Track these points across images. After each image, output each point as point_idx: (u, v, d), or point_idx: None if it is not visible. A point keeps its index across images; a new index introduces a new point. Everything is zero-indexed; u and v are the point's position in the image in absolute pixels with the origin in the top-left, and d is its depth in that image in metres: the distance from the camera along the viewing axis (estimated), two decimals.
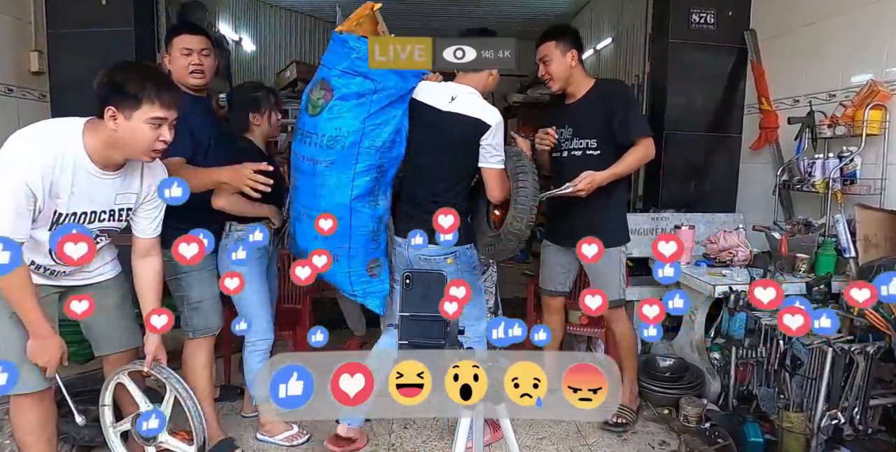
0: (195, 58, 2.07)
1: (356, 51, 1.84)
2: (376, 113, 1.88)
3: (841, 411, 1.99)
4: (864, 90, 2.64)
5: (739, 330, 2.36)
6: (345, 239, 1.96)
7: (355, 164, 1.88)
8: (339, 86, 1.86)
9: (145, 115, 1.53)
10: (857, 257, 2.45)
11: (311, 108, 1.92)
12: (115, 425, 1.92)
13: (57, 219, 1.58)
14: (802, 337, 2.07)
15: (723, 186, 3.74)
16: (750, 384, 2.33)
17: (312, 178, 1.94)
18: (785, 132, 3.21)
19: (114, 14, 3.44)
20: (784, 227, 2.76)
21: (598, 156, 2.30)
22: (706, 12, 3.64)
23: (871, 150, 2.64)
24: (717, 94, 3.71)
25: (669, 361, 2.79)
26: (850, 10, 2.85)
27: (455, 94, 1.99)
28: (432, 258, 1.99)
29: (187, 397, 1.76)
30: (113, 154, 1.60)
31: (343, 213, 1.88)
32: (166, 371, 1.79)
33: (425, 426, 2.46)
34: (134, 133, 1.54)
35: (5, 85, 3.16)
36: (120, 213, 1.71)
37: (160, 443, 1.84)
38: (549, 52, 2.29)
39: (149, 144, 1.57)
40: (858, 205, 2.52)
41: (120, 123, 1.53)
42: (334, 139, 1.86)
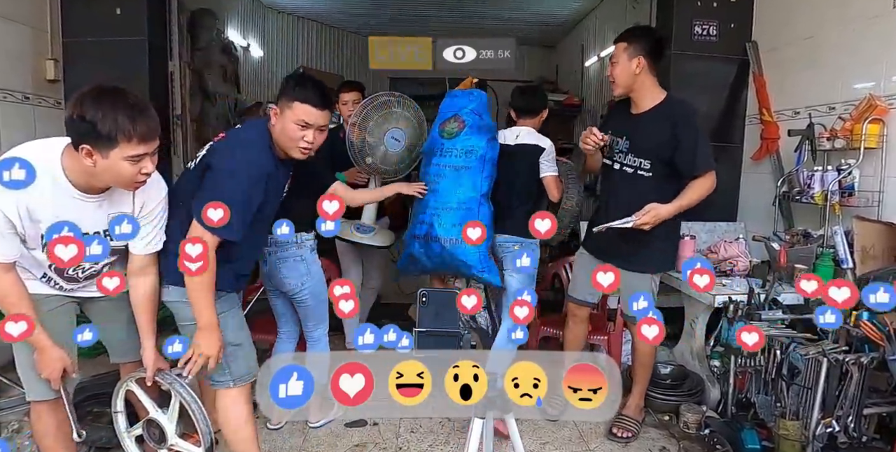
0: (310, 135, 1.84)
1: (476, 100, 2.72)
2: (490, 137, 2.65)
3: (836, 419, 2.04)
4: (863, 104, 2.69)
5: None
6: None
7: (482, 170, 2.60)
8: (469, 120, 2.66)
9: (123, 154, 1.46)
10: (854, 268, 2.50)
11: (446, 134, 2.66)
12: (129, 430, 1.97)
13: (47, 244, 1.53)
14: (799, 347, 2.13)
15: (724, 195, 3.77)
16: (749, 392, 2.38)
17: (455, 179, 2.60)
18: (786, 143, 3.26)
19: (127, 23, 3.52)
20: (783, 238, 2.82)
21: (648, 178, 2.24)
22: (708, 24, 3.70)
23: (869, 163, 2.69)
24: (718, 105, 3.77)
25: (670, 368, 2.84)
26: (849, 24, 2.91)
27: (518, 133, 2.73)
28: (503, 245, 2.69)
29: (191, 401, 1.77)
30: (93, 182, 1.55)
31: (473, 205, 2.57)
32: (170, 376, 1.80)
33: (431, 430, 2.52)
34: (113, 171, 1.48)
35: (22, 93, 3.23)
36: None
37: (171, 446, 1.87)
38: (617, 54, 2.25)
39: (130, 179, 1.52)
40: (856, 217, 2.57)
41: (97, 161, 1.46)
42: (470, 152, 2.60)
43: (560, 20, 6.96)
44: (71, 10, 3.50)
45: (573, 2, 6.29)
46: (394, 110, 2.82)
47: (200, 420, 1.77)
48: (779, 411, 2.19)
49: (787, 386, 2.17)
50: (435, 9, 6.41)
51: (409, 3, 6.29)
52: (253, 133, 1.87)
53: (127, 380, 1.91)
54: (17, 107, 3.19)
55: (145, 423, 1.89)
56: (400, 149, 2.86)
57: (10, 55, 3.15)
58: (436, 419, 2.60)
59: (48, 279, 1.71)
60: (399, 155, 2.87)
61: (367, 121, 2.77)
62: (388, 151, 2.85)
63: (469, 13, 6.54)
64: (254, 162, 1.77)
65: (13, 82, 3.16)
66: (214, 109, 4.99)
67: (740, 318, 2.33)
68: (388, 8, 6.39)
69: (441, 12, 6.48)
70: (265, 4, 6.46)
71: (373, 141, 2.80)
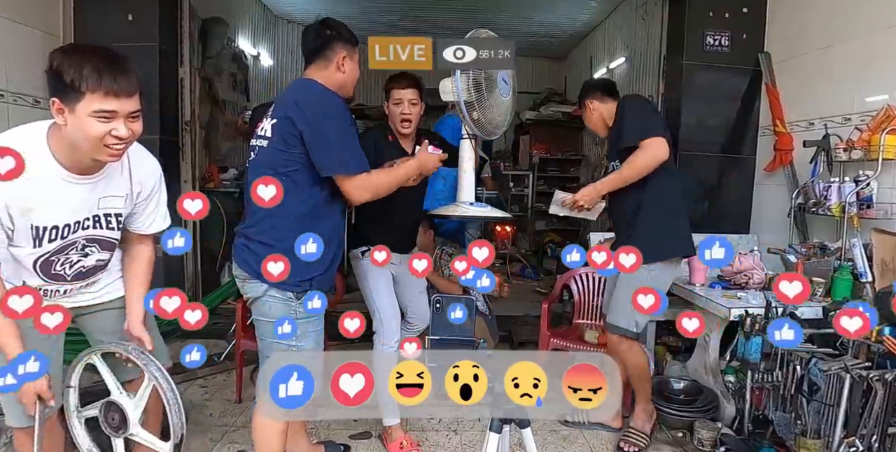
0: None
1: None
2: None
3: (859, 438, 1.97)
4: (880, 115, 2.65)
5: (755, 353, 2.35)
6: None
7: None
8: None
9: (89, 108, 1.30)
10: (873, 281, 2.44)
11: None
12: (79, 409, 1.70)
13: (38, 235, 1.44)
14: (820, 362, 2.06)
15: (737, 207, 3.75)
16: (766, 408, 2.31)
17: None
18: (800, 154, 3.22)
19: (139, 30, 3.54)
20: (800, 251, 2.76)
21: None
22: (721, 35, 3.69)
23: (888, 175, 2.64)
24: (731, 116, 3.74)
25: (683, 383, 2.77)
26: (863, 35, 2.88)
27: None
28: None
29: (168, 388, 1.51)
30: (79, 156, 1.39)
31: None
32: (145, 356, 1.56)
33: (438, 443, 2.45)
34: (81, 128, 1.32)
35: (33, 97, 3.24)
36: (108, 220, 1.56)
37: (130, 435, 1.63)
38: (586, 112, 2.52)
39: (97, 139, 1.34)
40: (875, 230, 2.51)
41: (67, 118, 1.32)
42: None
43: (569, 32, 6.99)
44: (83, 16, 3.52)
45: (582, 14, 6.32)
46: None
47: (175, 410, 1.50)
48: (799, 429, 2.12)
49: (808, 403, 2.10)
50: (443, 21, 6.45)
51: (419, 16, 6.35)
52: (314, 83, 1.81)
53: (92, 352, 1.64)
54: (28, 111, 3.19)
55: (104, 405, 1.63)
56: (509, 95, 2.20)
57: (23, 59, 3.16)
58: (441, 431, 2.53)
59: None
60: (508, 103, 2.21)
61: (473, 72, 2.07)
62: (502, 97, 2.14)
63: (478, 25, 6.58)
64: (335, 100, 1.79)
65: (24, 86, 3.17)
66: (223, 116, 5.01)
67: (757, 332, 2.27)
68: (398, 21, 6.45)
69: (450, 24, 6.52)
70: (276, 15, 6.52)
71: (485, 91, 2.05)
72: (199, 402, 2.80)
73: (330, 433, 2.50)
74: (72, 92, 1.29)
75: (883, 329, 1.95)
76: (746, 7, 3.68)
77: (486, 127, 2.07)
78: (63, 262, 1.55)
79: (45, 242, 1.47)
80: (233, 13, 5.35)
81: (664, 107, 4.08)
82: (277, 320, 1.49)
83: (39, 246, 1.47)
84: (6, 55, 3.06)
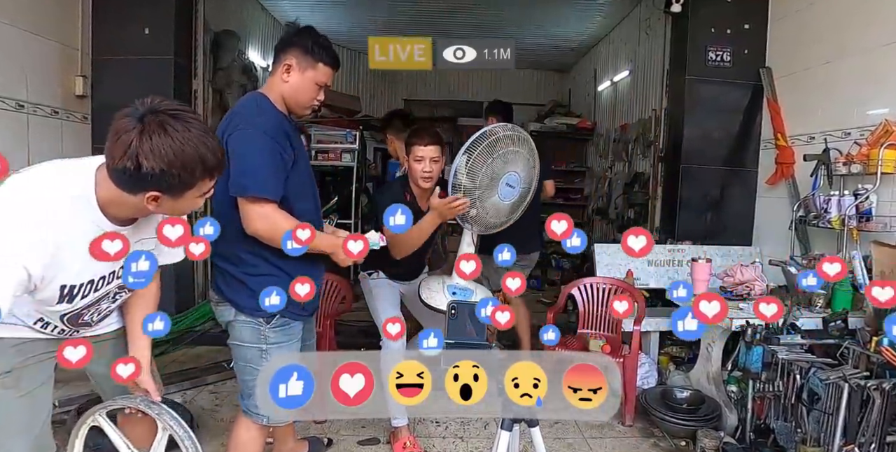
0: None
1: None
2: None
3: (858, 446, 2.00)
4: (879, 130, 2.70)
5: (756, 363, 2.39)
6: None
7: None
8: None
9: (199, 192, 1.27)
10: None
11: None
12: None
13: (67, 293, 1.31)
14: (819, 372, 2.11)
15: (739, 219, 3.80)
16: (767, 417, 2.35)
17: None
18: (801, 167, 3.27)
19: (155, 43, 3.63)
20: (801, 262, 2.80)
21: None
22: (722, 50, 3.76)
23: (887, 189, 2.69)
24: (733, 129, 3.81)
25: (686, 393, 2.80)
26: (863, 51, 2.95)
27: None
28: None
29: (185, 436, 1.43)
30: (128, 212, 1.31)
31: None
32: (157, 407, 1.45)
33: (445, 450, 2.49)
34: (179, 210, 1.29)
35: (51, 107, 3.32)
36: None
37: None
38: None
39: (190, 209, 1.31)
40: (874, 242, 2.56)
41: (162, 203, 1.24)
42: None
43: (573, 45, 7.08)
44: (101, 29, 3.62)
45: (587, 28, 6.41)
46: (510, 150, 2.23)
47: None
48: (799, 437, 2.15)
49: (808, 412, 2.13)
50: (449, 34, 6.55)
51: (425, 31, 6.45)
52: (248, 103, 1.73)
53: (94, 413, 1.51)
54: (46, 121, 3.28)
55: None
56: (513, 197, 2.30)
57: (42, 71, 3.25)
58: (448, 438, 2.57)
59: (46, 325, 1.40)
60: (512, 205, 2.32)
61: (476, 165, 2.16)
62: (501, 202, 2.27)
63: (481, 37, 6.69)
64: (261, 122, 1.65)
65: (43, 97, 3.26)
66: None
67: (758, 342, 2.31)
68: (406, 34, 6.55)
69: (456, 36, 6.62)
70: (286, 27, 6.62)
71: (480, 189, 2.18)
72: (209, 408, 2.85)
73: (338, 439, 2.54)
74: (181, 188, 1.22)
75: (882, 339, 2.00)
76: (748, 23, 3.75)
77: (486, 221, 2.28)
78: (93, 313, 1.48)
79: (78, 299, 1.36)
80: (243, 26, 5.46)
81: (667, 120, 4.15)
82: (248, 344, 1.53)
83: (70, 303, 1.35)
84: (26, 67, 3.15)
